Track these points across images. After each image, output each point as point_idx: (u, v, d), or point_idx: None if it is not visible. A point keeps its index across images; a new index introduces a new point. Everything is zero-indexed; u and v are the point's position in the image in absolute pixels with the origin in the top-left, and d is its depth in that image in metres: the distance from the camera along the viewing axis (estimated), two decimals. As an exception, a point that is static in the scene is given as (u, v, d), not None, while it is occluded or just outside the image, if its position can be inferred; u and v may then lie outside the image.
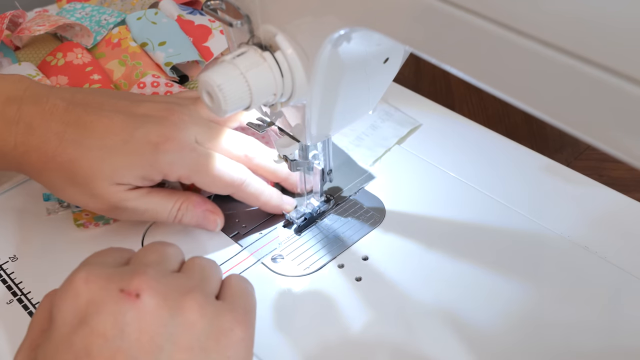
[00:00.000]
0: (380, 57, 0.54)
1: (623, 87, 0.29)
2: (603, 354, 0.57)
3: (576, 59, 0.31)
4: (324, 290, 0.63)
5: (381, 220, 0.70)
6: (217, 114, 0.49)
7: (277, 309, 0.61)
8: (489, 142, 0.80)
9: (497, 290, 0.62)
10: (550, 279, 0.63)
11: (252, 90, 0.49)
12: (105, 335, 0.40)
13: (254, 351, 0.56)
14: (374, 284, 0.63)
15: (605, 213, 0.70)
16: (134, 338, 0.41)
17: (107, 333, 0.40)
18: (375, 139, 0.80)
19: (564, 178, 0.75)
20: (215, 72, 0.48)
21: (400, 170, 0.76)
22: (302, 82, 0.51)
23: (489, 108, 1.45)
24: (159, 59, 0.80)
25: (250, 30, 0.51)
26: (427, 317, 0.60)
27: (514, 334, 0.59)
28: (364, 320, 0.60)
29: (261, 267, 0.65)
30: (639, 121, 0.30)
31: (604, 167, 1.27)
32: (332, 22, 0.45)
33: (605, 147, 0.32)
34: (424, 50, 0.40)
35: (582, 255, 0.65)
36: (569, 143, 1.36)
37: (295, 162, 0.66)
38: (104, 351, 0.40)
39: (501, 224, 0.69)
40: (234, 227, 0.69)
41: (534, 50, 0.32)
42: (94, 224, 0.68)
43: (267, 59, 0.49)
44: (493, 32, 0.34)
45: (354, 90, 0.56)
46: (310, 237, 0.68)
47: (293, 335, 0.59)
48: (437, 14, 0.37)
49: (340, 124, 0.61)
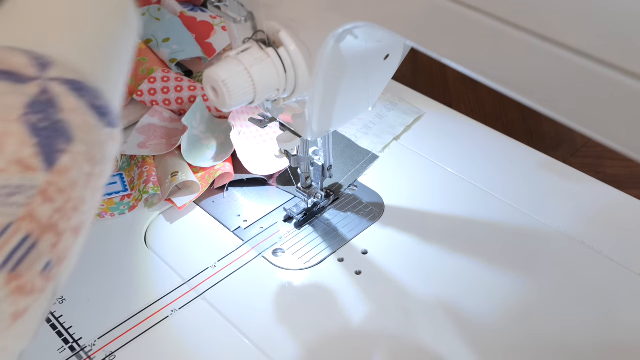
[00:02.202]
0: (381, 53, 0.55)
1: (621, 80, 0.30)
2: (600, 346, 0.58)
3: (576, 53, 0.32)
4: (324, 284, 0.64)
5: (380, 215, 0.71)
6: (221, 108, 0.50)
7: (278, 302, 0.62)
8: (486, 139, 0.81)
9: (494, 283, 0.63)
10: (547, 273, 0.64)
11: (256, 86, 0.49)
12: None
13: (255, 342, 0.57)
14: (373, 277, 0.64)
15: (602, 209, 0.71)
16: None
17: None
18: (383, 127, 0.81)
19: (560, 175, 0.75)
20: (220, 67, 0.49)
21: (399, 166, 0.77)
22: (304, 78, 0.52)
23: (486, 106, 1.46)
24: (164, 56, 0.81)
25: (253, 26, 0.52)
26: (425, 310, 0.61)
27: (510, 326, 0.60)
28: (363, 312, 0.61)
29: (262, 260, 0.66)
30: (636, 113, 0.31)
31: (600, 164, 1.28)
32: (335, 18, 0.46)
33: (604, 140, 0.33)
34: (426, 45, 0.41)
35: (579, 249, 0.66)
36: (566, 141, 1.37)
37: (296, 157, 0.67)
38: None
39: (499, 219, 0.70)
40: (235, 222, 0.70)
41: (533, 45, 0.33)
42: (109, 214, 0.69)
43: (270, 55, 0.50)
44: (494, 26, 0.35)
45: (354, 86, 0.57)
46: (310, 231, 0.69)
47: (294, 327, 0.60)
48: (440, 10, 0.38)
49: (340, 119, 0.62)
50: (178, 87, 0.78)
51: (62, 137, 0.37)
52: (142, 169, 0.73)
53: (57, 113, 0.38)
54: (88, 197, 0.40)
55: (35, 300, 0.36)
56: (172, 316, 0.61)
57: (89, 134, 0.39)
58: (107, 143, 0.41)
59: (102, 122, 0.40)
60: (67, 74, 0.39)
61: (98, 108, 0.40)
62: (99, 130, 0.40)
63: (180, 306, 0.61)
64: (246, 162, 0.73)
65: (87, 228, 0.41)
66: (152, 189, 0.70)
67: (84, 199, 0.39)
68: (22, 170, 0.35)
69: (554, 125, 1.39)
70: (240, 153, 0.73)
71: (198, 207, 0.72)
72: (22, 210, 0.35)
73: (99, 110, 0.40)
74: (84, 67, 0.41)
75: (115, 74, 0.44)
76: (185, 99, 0.79)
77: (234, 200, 0.73)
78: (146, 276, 0.65)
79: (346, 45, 0.50)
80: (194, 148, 0.75)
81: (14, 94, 0.37)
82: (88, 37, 0.42)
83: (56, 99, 0.38)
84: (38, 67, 0.38)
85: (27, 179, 0.35)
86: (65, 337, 0.59)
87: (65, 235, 0.38)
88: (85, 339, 0.59)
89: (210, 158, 0.76)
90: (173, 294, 0.63)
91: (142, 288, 0.63)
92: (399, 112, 0.83)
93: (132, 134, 0.77)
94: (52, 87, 0.38)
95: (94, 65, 0.41)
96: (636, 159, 0.32)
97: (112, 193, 0.73)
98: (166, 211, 0.72)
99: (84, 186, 0.39)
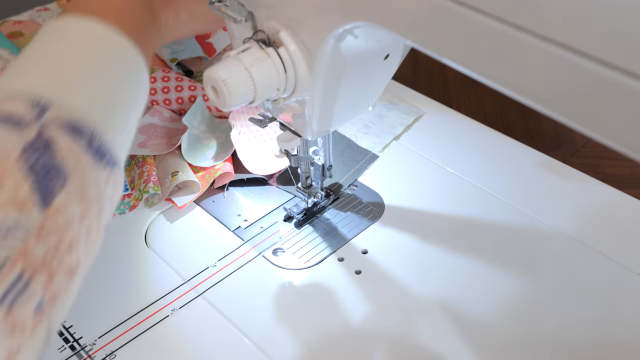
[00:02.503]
0: (381, 53, 0.55)
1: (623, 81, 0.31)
2: (598, 345, 0.58)
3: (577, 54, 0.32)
4: (324, 283, 0.64)
5: (380, 214, 0.71)
6: (222, 107, 0.50)
7: (278, 301, 0.62)
8: (486, 139, 0.81)
9: (494, 283, 0.63)
10: (546, 273, 0.64)
11: (256, 85, 0.50)
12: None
13: (255, 342, 0.57)
14: (373, 277, 0.64)
15: (601, 209, 0.71)
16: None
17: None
18: (383, 126, 0.81)
19: (560, 174, 0.76)
20: (220, 67, 0.49)
21: (399, 165, 0.77)
22: (304, 77, 0.52)
23: (486, 106, 1.46)
24: (164, 55, 0.81)
25: (254, 26, 0.52)
26: (425, 309, 0.61)
27: (509, 326, 0.60)
28: (363, 312, 0.61)
29: (262, 260, 0.66)
30: (636, 113, 0.31)
31: (600, 164, 1.28)
32: (335, 18, 0.46)
33: (604, 140, 0.33)
34: (426, 45, 0.41)
35: (578, 249, 0.66)
36: (565, 141, 1.37)
37: (296, 157, 0.67)
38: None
39: (498, 219, 0.70)
40: (235, 221, 0.70)
41: (534, 45, 0.33)
42: None
43: (270, 55, 0.50)
44: (494, 26, 0.35)
45: (354, 86, 0.57)
46: (310, 231, 0.69)
47: (294, 326, 0.60)
48: (440, 10, 0.38)
49: (340, 119, 0.62)
50: (178, 87, 0.79)
51: (57, 178, 0.39)
52: (142, 169, 0.73)
53: (53, 155, 0.39)
54: (83, 238, 0.40)
55: (28, 340, 0.36)
56: (173, 315, 0.61)
57: (83, 174, 0.40)
58: (105, 183, 0.42)
59: (99, 163, 0.42)
60: (64, 115, 0.40)
61: (95, 148, 0.41)
62: (95, 170, 0.41)
63: (180, 305, 0.62)
64: (246, 162, 0.73)
65: (84, 270, 0.42)
66: (152, 188, 0.70)
67: (79, 239, 0.40)
68: (19, 209, 0.36)
69: (553, 125, 1.39)
70: (241, 153, 0.73)
71: (198, 206, 0.73)
72: (17, 248, 0.36)
73: (95, 151, 0.41)
74: (83, 109, 0.42)
75: (120, 120, 0.45)
76: (186, 98, 0.79)
77: (234, 199, 0.74)
78: (146, 275, 0.65)
79: (346, 45, 0.50)
80: (194, 148, 0.75)
81: (11, 139, 0.38)
82: (91, 84, 0.44)
83: (51, 141, 0.39)
84: (36, 111, 0.40)
85: (23, 218, 0.36)
86: (66, 336, 0.59)
87: (58, 276, 0.38)
88: (85, 338, 0.59)
89: (211, 158, 0.76)
90: (173, 293, 0.63)
91: (142, 287, 0.64)
92: (399, 112, 0.84)
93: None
94: (48, 130, 0.39)
95: (93, 108, 0.43)
96: (636, 158, 0.33)
97: (112, 192, 0.73)
98: (166, 211, 0.72)
99: (79, 226, 0.40)
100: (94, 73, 0.44)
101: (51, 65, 0.43)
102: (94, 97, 0.43)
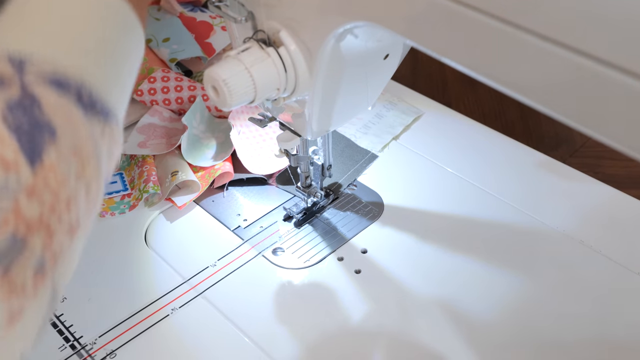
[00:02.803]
0: (380, 53, 0.55)
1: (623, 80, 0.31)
2: (597, 344, 0.58)
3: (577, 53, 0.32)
4: (323, 283, 0.64)
5: (380, 214, 0.71)
6: (222, 107, 0.50)
7: (277, 301, 0.62)
8: (485, 138, 0.81)
9: (493, 282, 0.63)
10: (545, 272, 0.65)
11: (256, 85, 0.50)
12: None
13: (255, 341, 0.57)
14: (372, 276, 0.64)
15: (600, 208, 0.72)
16: None
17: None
18: (382, 126, 0.81)
19: (559, 174, 0.76)
20: (220, 67, 0.49)
21: (399, 165, 0.78)
22: (304, 77, 0.52)
23: (485, 106, 1.47)
24: (164, 55, 0.81)
25: (254, 26, 0.52)
26: (424, 308, 0.61)
27: (508, 325, 0.60)
28: (362, 311, 0.61)
29: (262, 259, 0.66)
30: (636, 113, 0.31)
31: (599, 164, 1.28)
32: (335, 18, 0.46)
33: (605, 139, 0.33)
34: (426, 44, 0.41)
35: (577, 249, 0.67)
36: (565, 140, 1.37)
37: (295, 157, 0.67)
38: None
39: (498, 218, 0.70)
40: (235, 221, 0.71)
41: (534, 44, 0.33)
42: (110, 213, 0.70)
43: (270, 55, 0.50)
44: (494, 26, 0.35)
45: (354, 86, 0.57)
46: (310, 230, 0.70)
47: (293, 325, 0.60)
48: (440, 10, 0.38)
49: (340, 119, 0.62)
50: (178, 87, 0.79)
51: (45, 134, 0.37)
52: (142, 168, 0.73)
53: (39, 111, 0.37)
54: (82, 195, 0.39)
55: (30, 301, 0.35)
56: (173, 315, 0.61)
57: (74, 128, 0.38)
58: (100, 137, 0.40)
59: (92, 116, 0.40)
60: (47, 69, 0.39)
61: (85, 101, 0.39)
62: (88, 124, 0.39)
63: (180, 305, 0.62)
64: (246, 162, 0.73)
65: (86, 228, 0.40)
66: (152, 188, 0.70)
67: (77, 196, 0.38)
68: (5, 169, 0.35)
69: (553, 125, 1.39)
70: (240, 152, 0.73)
71: (198, 206, 0.73)
72: (8, 208, 0.34)
73: (86, 104, 0.39)
74: (67, 61, 0.40)
75: (111, 71, 0.43)
76: (185, 98, 0.79)
77: (233, 199, 0.74)
78: (146, 275, 0.65)
79: (346, 45, 0.50)
80: (194, 147, 0.76)
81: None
82: (76, 36, 0.41)
83: (36, 97, 0.37)
84: (16, 67, 0.38)
85: (12, 178, 0.35)
86: (66, 335, 0.59)
87: (57, 235, 0.37)
88: (85, 338, 0.59)
89: (210, 157, 0.76)
90: (173, 292, 0.63)
91: (142, 287, 0.64)
92: (398, 111, 0.84)
93: (132, 133, 0.77)
94: (31, 86, 0.37)
95: (79, 60, 0.41)
96: (636, 158, 0.33)
97: (112, 192, 0.73)
98: (166, 210, 0.72)
99: (76, 183, 0.38)
100: (76, 24, 0.42)
101: (28, 20, 0.41)
102: (78, 48, 0.41)
